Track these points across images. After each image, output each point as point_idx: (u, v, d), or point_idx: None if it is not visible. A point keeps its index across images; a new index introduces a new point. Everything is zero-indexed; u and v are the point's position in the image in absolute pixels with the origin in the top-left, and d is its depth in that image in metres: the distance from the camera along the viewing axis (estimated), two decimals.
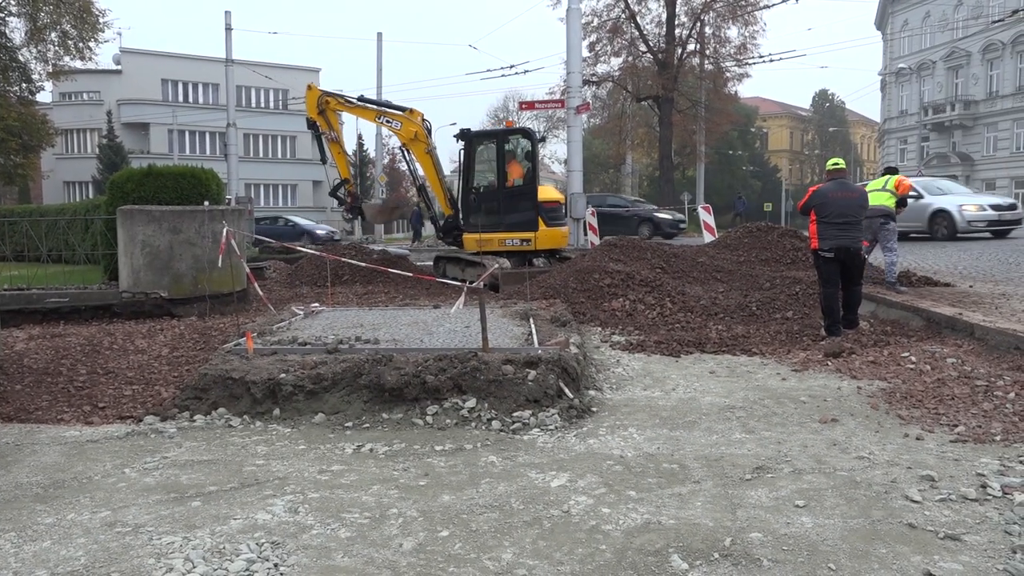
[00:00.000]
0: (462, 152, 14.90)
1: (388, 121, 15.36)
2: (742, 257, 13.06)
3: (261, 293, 10.10)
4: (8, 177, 32.99)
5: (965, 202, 18.92)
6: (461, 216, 14.94)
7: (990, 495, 4.02)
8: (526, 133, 15.74)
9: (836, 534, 3.62)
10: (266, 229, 33.70)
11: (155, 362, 7.44)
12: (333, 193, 16.47)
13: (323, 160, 15.98)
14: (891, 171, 10.83)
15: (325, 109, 15.37)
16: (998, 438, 4.94)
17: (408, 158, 15.72)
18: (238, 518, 3.96)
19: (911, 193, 10.97)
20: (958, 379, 6.18)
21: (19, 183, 37.69)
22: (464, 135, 14.75)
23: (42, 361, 7.37)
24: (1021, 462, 4.46)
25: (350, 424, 5.71)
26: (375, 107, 15.84)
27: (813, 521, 3.77)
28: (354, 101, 15.75)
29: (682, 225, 29.04)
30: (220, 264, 9.52)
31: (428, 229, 63.68)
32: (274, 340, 7.38)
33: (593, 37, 37.73)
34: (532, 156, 15.02)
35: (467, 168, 14.78)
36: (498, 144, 14.71)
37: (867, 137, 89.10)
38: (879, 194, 10.13)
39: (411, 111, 14.97)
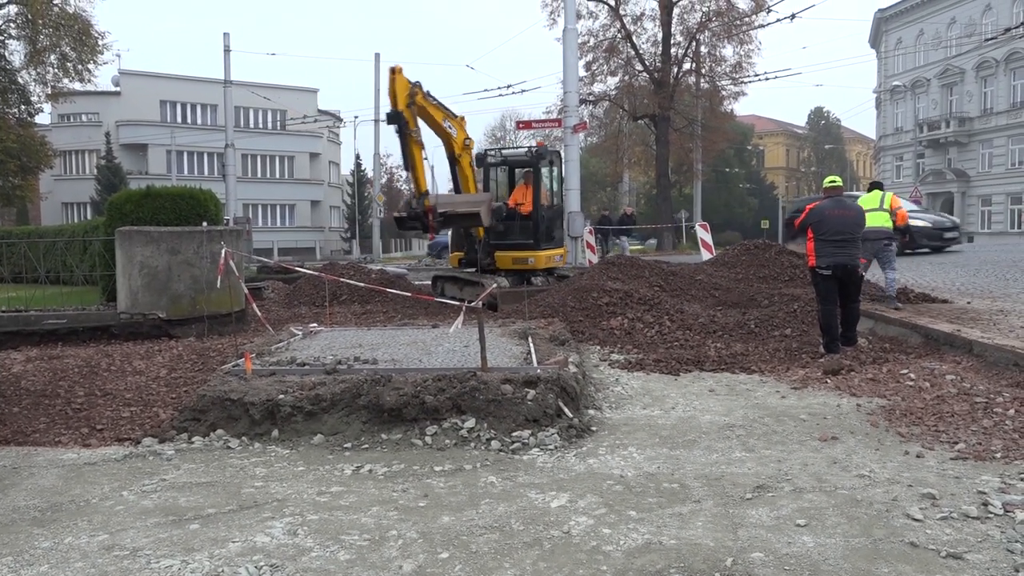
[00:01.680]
0: (533, 171, 14.47)
1: (450, 126, 13.60)
2: (740, 275, 13.07)
3: (259, 313, 10.09)
4: (6, 198, 33.07)
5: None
6: (540, 233, 14.18)
7: (991, 513, 4.00)
8: (559, 155, 16.60)
9: (838, 553, 3.60)
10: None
11: (153, 383, 7.42)
12: (411, 213, 12.90)
13: (407, 167, 13.21)
14: (877, 185, 10.86)
15: (414, 102, 12.64)
16: (998, 455, 4.93)
17: (453, 172, 14.12)
18: (237, 541, 3.94)
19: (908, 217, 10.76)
20: (957, 396, 6.17)
21: (17, 204, 37.81)
22: (542, 153, 14.62)
23: (39, 383, 7.34)
24: (1022, 479, 4.45)
25: (349, 445, 5.69)
26: (443, 108, 13.63)
27: (814, 540, 3.75)
28: (433, 97, 13.33)
29: (951, 234, 20.71)
30: (219, 284, 9.52)
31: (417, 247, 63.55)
32: (272, 361, 7.37)
33: (590, 57, 38.07)
34: (561, 176, 15.99)
35: (538, 186, 14.42)
36: (554, 164, 15.24)
37: (863, 154, 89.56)
38: (878, 214, 10.08)
39: (462, 117, 13.83)
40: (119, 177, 46.91)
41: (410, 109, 12.50)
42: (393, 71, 12.42)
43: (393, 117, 12.47)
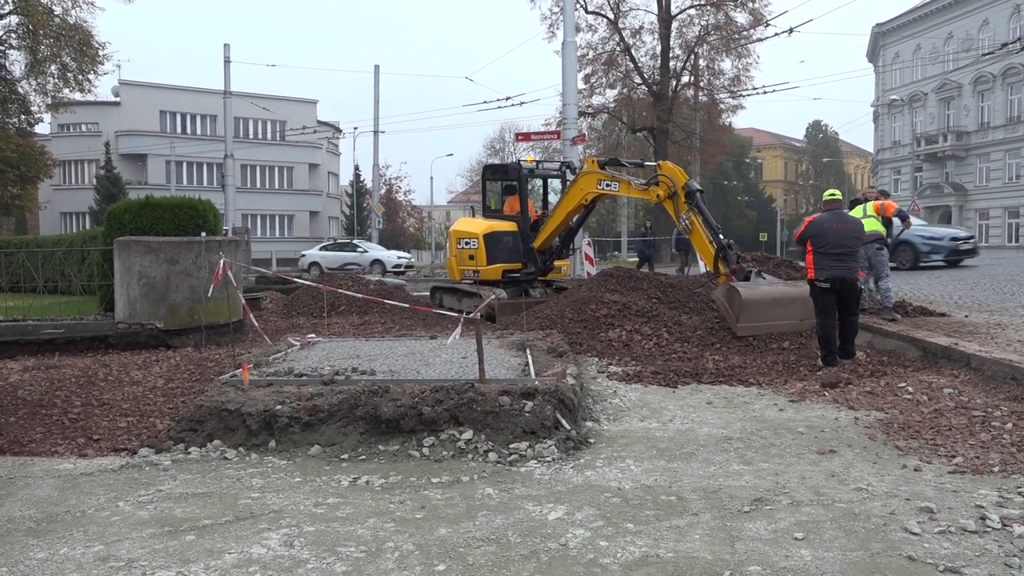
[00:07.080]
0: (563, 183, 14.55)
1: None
2: None
3: (257, 324, 10.07)
4: (5, 208, 33.07)
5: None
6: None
7: (989, 527, 4.00)
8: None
9: (835, 567, 3.59)
10: None
11: (150, 394, 7.41)
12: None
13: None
14: (856, 202, 11.07)
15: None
16: (996, 469, 4.92)
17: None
18: (233, 552, 3.92)
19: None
20: (955, 409, 6.18)
21: (16, 214, 37.80)
22: (574, 167, 14.89)
23: (36, 393, 7.33)
24: (1020, 493, 4.45)
25: (346, 456, 5.68)
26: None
27: (812, 554, 3.74)
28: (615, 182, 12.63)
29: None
30: (211, 293, 9.49)
31: (419, 257, 63.41)
32: (270, 371, 7.35)
33: (589, 69, 38.29)
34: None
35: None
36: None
37: (861, 167, 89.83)
38: (866, 220, 10.13)
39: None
40: (118, 187, 46.97)
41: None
42: (664, 165, 11.88)
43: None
